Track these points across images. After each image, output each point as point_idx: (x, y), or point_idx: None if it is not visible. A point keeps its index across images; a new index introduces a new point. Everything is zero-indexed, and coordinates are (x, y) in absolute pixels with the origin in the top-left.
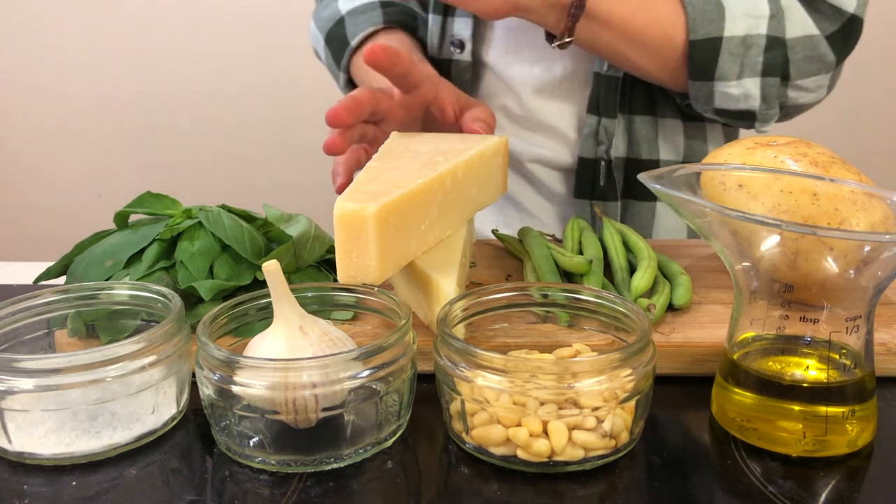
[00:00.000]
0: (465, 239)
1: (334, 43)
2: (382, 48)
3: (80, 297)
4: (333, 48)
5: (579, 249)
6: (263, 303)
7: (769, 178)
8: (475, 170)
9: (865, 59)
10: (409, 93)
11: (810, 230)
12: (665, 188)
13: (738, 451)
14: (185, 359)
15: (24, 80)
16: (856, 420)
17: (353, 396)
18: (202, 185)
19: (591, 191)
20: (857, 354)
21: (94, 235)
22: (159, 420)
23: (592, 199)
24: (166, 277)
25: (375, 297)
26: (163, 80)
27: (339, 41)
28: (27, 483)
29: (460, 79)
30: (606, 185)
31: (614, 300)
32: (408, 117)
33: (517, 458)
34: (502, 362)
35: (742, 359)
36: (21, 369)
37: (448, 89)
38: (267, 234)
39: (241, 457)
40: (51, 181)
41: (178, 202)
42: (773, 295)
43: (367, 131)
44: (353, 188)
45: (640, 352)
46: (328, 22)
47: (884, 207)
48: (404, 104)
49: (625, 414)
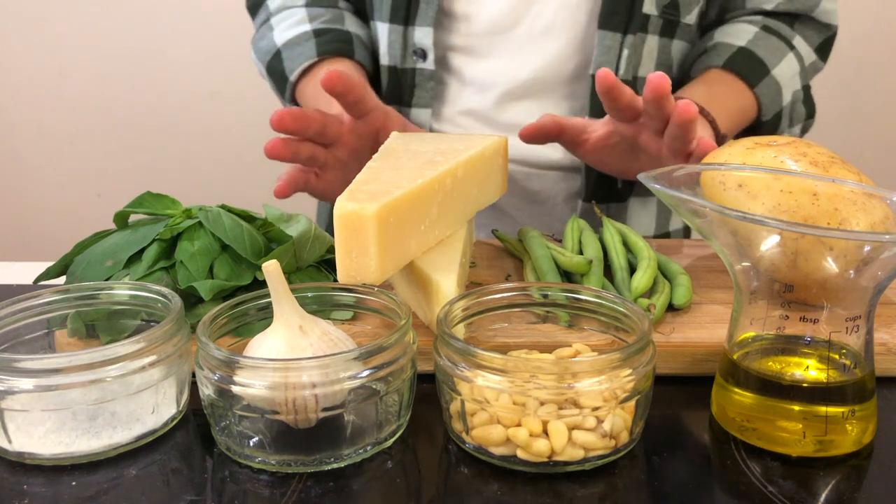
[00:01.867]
0: (465, 239)
1: (275, 75)
2: (338, 75)
3: (80, 297)
4: (275, 79)
5: (579, 249)
6: (263, 303)
7: (769, 178)
8: (475, 170)
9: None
10: (359, 118)
11: (810, 230)
12: (665, 188)
13: (738, 451)
14: (185, 359)
15: (24, 80)
16: (856, 420)
17: (353, 396)
18: (202, 185)
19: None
20: (857, 354)
21: (94, 235)
22: (159, 420)
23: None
24: (166, 277)
25: (375, 297)
26: (163, 80)
27: (279, 74)
28: (27, 483)
29: (424, 87)
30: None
31: (614, 300)
32: (358, 143)
33: (517, 458)
34: (502, 362)
35: (742, 359)
36: (21, 369)
37: (395, 118)
38: (267, 234)
39: (241, 457)
40: (51, 181)
41: (178, 202)
42: (773, 295)
43: (318, 154)
44: (353, 188)
45: (640, 352)
46: (266, 54)
47: (884, 207)
48: (354, 130)
49: (625, 414)
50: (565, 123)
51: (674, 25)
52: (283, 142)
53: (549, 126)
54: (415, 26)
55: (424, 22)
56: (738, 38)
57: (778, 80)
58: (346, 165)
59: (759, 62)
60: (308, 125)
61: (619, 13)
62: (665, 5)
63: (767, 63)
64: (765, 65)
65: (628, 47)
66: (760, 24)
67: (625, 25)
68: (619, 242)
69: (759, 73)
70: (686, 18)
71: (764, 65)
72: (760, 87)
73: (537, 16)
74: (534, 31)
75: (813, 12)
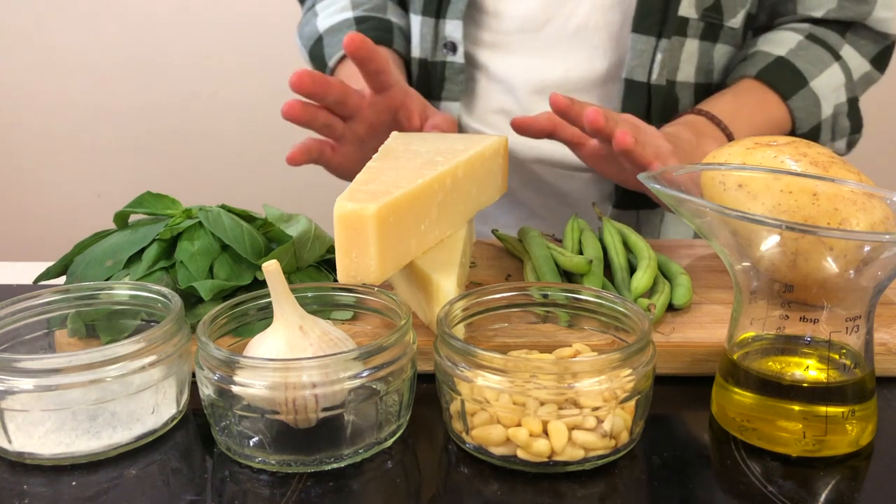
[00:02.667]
0: (465, 239)
1: (316, 62)
2: (362, 39)
3: (80, 297)
4: (316, 65)
5: (579, 249)
6: (263, 303)
7: (769, 178)
8: (475, 170)
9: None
10: (380, 93)
11: (810, 230)
12: (665, 188)
13: (738, 451)
14: (185, 359)
15: (24, 81)
16: (856, 420)
17: (353, 396)
18: (202, 185)
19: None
20: (857, 354)
21: (94, 235)
22: (159, 420)
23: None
24: (166, 277)
25: (375, 297)
26: (163, 80)
27: (319, 60)
28: (27, 483)
29: (454, 81)
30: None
31: (614, 300)
32: (377, 119)
33: (517, 458)
34: (502, 362)
35: (742, 359)
36: (21, 369)
37: (416, 98)
38: (267, 234)
39: (241, 457)
40: (51, 181)
41: (178, 202)
42: (773, 295)
43: (335, 124)
44: (353, 188)
45: (640, 352)
46: (309, 40)
47: (884, 207)
48: (374, 105)
49: (625, 414)
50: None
51: (716, 29)
52: (302, 104)
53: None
54: (446, 19)
55: (455, 15)
56: (779, 46)
57: (816, 92)
58: (364, 141)
59: (797, 73)
60: (328, 90)
61: (653, 16)
62: (706, 8)
63: (806, 74)
64: (802, 76)
65: (662, 51)
66: (806, 33)
67: (659, 28)
68: (619, 242)
69: (794, 84)
70: (730, 22)
71: (801, 76)
72: (795, 99)
73: (570, 15)
74: (566, 30)
75: (866, 20)
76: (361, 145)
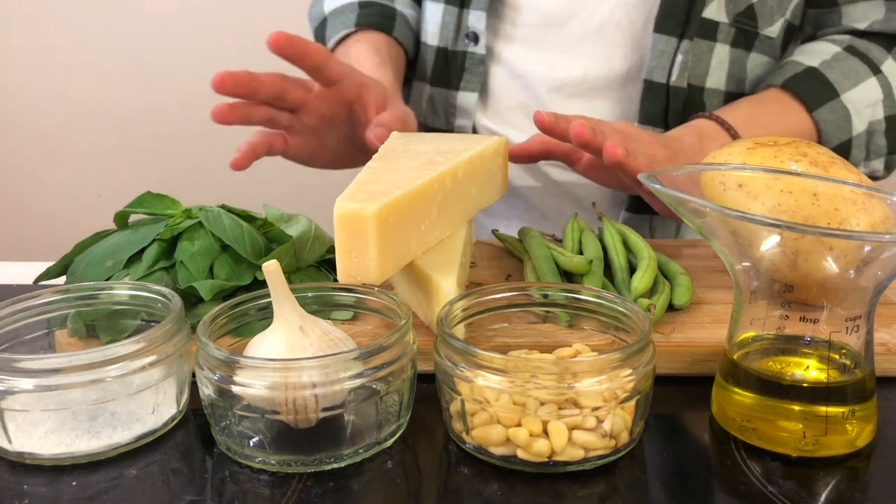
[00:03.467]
0: (465, 239)
1: (319, 42)
2: (286, 36)
3: (80, 297)
4: None
5: (579, 249)
6: (263, 303)
7: (769, 178)
8: (475, 170)
9: None
10: (328, 87)
11: (810, 230)
12: (665, 188)
13: (738, 451)
14: (185, 359)
15: (24, 81)
16: (856, 420)
17: (353, 396)
18: (202, 185)
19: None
20: (857, 354)
21: (94, 235)
22: (159, 420)
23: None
24: (166, 277)
25: (375, 297)
26: (163, 80)
27: (322, 42)
28: (27, 483)
29: (473, 71)
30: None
31: (614, 300)
32: (329, 111)
33: (517, 458)
34: (502, 362)
35: (742, 359)
36: (21, 369)
37: (374, 91)
38: (267, 234)
39: (241, 457)
40: (51, 181)
41: (178, 202)
42: (773, 295)
43: (278, 117)
44: (353, 188)
45: (640, 352)
46: (315, 21)
47: (884, 207)
48: (324, 97)
49: (625, 414)
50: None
51: (750, 37)
52: (229, 106)
53: (535, 148)
54: (469, 9)
55: (479, 6)
56: (813, 57)
57: (847, 105)
58: (318, 132)
59: (826, 84)
60: (256, 88)
61: (676, 16)
62: (738, 13)
63: (837, 86)
64: (833, 88)
65: (683, 53)
66: (845, 45)
67: (681, 30)
68: (619, 242)
69: (822, 95)
70: (766, 30)
71: (832, 88)
72: (821, 111)
73: (593, 12)
74: (588, 27)
75: None
76: (315, 134)
